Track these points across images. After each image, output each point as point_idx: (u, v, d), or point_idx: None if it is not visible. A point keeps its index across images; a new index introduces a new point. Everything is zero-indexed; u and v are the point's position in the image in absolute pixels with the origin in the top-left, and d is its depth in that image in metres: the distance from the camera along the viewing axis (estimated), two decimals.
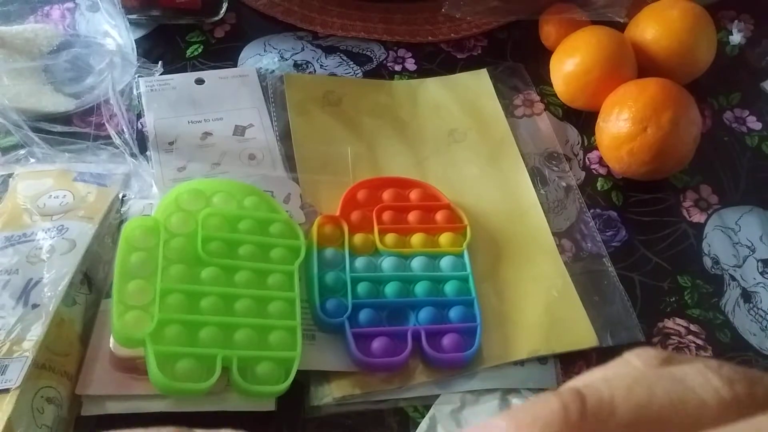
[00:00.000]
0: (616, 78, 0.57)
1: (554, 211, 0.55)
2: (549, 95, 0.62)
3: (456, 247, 0.50)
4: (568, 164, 0.58)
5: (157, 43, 0.63)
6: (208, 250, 0.45)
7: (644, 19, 0.61)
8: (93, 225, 0.47)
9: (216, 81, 0.60)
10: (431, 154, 0.57)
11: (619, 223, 0.55)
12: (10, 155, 0.52)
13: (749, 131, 0.63)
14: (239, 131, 0.56)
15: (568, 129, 0.61)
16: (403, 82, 0.63)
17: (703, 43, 0.60)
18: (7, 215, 0.47)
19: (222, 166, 0.54)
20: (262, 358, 0.42)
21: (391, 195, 0.53)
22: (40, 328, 0.40)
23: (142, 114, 0.56)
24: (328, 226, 0.50)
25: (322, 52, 0.64)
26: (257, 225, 0.47)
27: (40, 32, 0.59)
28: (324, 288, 0.46)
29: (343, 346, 0.45)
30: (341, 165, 0.55)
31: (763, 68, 0.67)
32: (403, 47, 0.65)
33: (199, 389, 0.40)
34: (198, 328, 0.42)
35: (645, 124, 0.53)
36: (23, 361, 0.38)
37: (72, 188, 0.49)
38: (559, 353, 0.47)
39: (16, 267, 0.43)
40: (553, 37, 0.64)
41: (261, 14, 0.66)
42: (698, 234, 0.55)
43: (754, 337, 0.50)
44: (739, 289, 0.52)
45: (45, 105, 0.55)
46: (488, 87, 0.62)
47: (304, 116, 0.58)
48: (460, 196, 0.54)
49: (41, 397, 0.39)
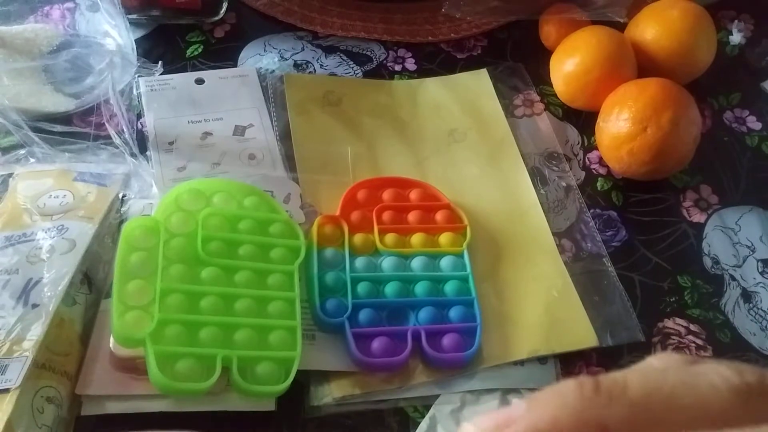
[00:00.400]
0: (616, 78, 0.57)
1: (554, 211, 0.55)
2: (549, 95, 0.62)
3: (456, 247, 0.50)
4: (568, 164, 0.58)
5: (157, 43, 0.63)
6: (208, 250, 0.45)
7: (644, 19, 0.61)
8: (93, 225, 0.47)
9: (216, 81, 0.60)
10: (431, 154, 0.57)
11: (619, 223, 0.55)
12: (10, 155, 0.52)
13: (749, 131, 0.63)
14: (239, 131, 0.56)
15: (568, 129, 0.61)
16: (403, 82, 0.63)
17: (703, 43, 0.60)
18: (7, 215, 0.47)
19: (222, 166, 0.54)
20: (262, 358, 0.42)
21: (391, 195, 0.53)
22: (40, 328, 0.40)
23: (142, 114, 0.56)
24: (328, 226, 0.50)
25: (322, 52, 0.64)
26: (257, 225, 0.47)
27: (40, 32, 0.59)
28: (324, 288, 0.46)
29: (343, 346, 0.45)
30: (341, 165, 0.55)
31: (763, 68, 0.67)
32: (403, 47, 0.65)
33: (199, 389, 0.40)
34: (198, 328, 0.42)
35: (645, 124, 0.53)
36: (23, 360, 0.38)
37: (72, 188, 0.49)
38: (559, 353, 0.47)
39: (16, 267, 0.43)
40: (553, 37, 0.64)
41: (261, 14, 0.66)
42: (698, 234, 0.55)
43: (754, 337, 0.50)
44: (739, 289, 0.52)
45: (45, 105, 0.55)
46: (488, 87, 0.62)
47: (304, 116, 0.58)
48: (460, 196, 0.54)
49: (41, 397, 0.39)
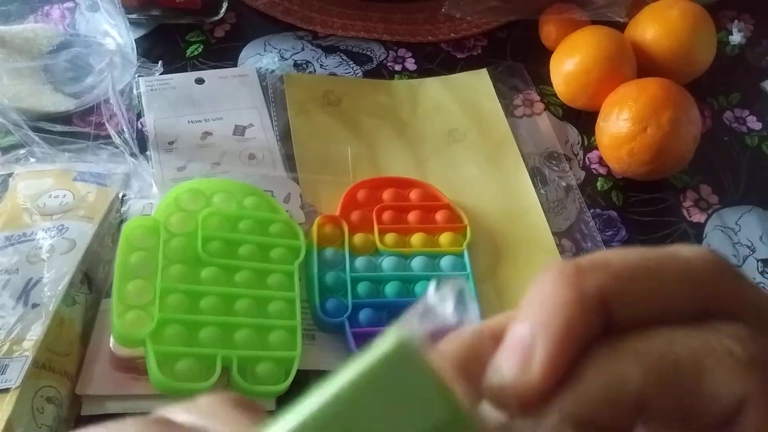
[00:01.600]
0: (616, 78, 0.57)
1: (554, 211, 0.55)
2: (549, 95, 0.62)
3: (456, 247, 0.50)
4: (568, 164, 0.58)
5: (157, 43, 0.63)
6: (208, 250, 0.45)
7: (644, 19, 0.61)
8: (93, 225, 0.47)
9: (216, 81, 0.59)
10: (431, 154, 0.57)
11: (619, 223, 0.55)
12: (10, 155, 0.52)
13: (749, 131, 0.63)
14: (239, 131, 0.56)
15: (568, 129, 0.61)
16: (403, 81, 0.63)
17: (703, 43, 0.60)
18: (7, 215, 0.47)
19: (222, 165, 0.53)
20: (262, 358, 0.42)
21: (391, 195, 0.53)
22: (40, 328, 0.40)
23: (142, 114, 0.56)
24: (328, 225, 0.50)
25: (322, 51, 0.64)
26: (257, 225, 0.47)
27: (40, 32, 0.59)
28: (324, 288, 0.46)
29: (343, 346, 0.45)
30: (341, 165, 0.55)
31: (763, 68, 0.67)
32: (403, 47, 0.65)
33: (199, 389, 0.40)
34: (198, 328, 0.42)
35: (645, 124, 0.53)
36: (23, 360, 0.38)
37: (72, 188, 0.49)
38: None
39: (16, 267, 0.43)
40: (553, 37, 0.64)
41: (261, 14, 0.66)
42: (698, 234, 0.55)
43: None
44: None
45: (45, 105, 0.55)
46: (488, 87, 0.62)
47: (304, 116, 0.58)
48: (460, 196, 0.54)
49: (41, 397, 0.39)
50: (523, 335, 0.16)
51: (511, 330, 0.17)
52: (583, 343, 0.16)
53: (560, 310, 0.16)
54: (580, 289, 0.16)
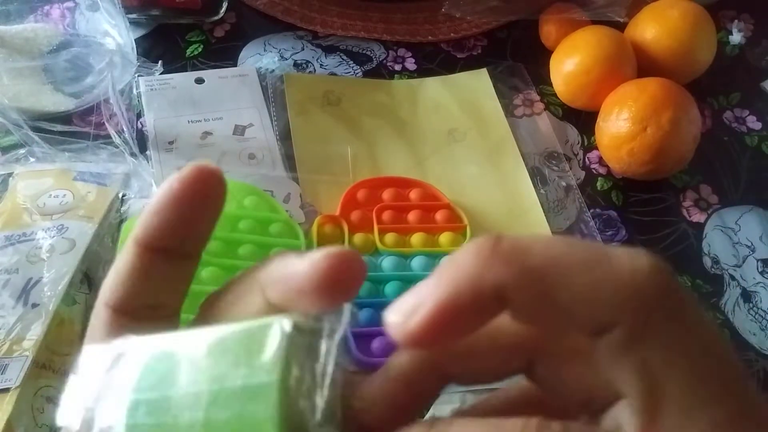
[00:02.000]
0: (616, 78, 0.57)
1: (554, 211, 0.55)
2: (549, 95, 0.62)
3: (456, 246, 0.50)
4: (568, 164, 0.58)
5: (157, 43, 0.63)
6: (208, 250, 0.44)
7: (644, 19, 0.61)
8: (93, 224, 0.47)
9: (216, 80, 0.60)
10: (431, 154, 0.57)
11: (619, 223, 0.55)
12: (10, 155, 0.52)
13: (749, 131, 0.63)
14: (239, 131, 0.56)
15: (568, 129, 0.61)
16: (403, 81, 0.63)
17: (703, 43, 0.60)
18: (7, 215, 0.47)
19: (222, 165, 0.53)
20: None
21: (391, 195, 0.53)
22: (40, 328, 0.40)
23: (142, 113, 0.56)
24: (328, 225, 0.50)
25: (322, 51, 0.64)
26: (257, 225, 0.47)
27: (39, 32, 0.59)
28: None
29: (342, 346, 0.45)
30: (341, 165, 0.55)
31: (763, 68, 0.67)
32: (403, 47, 0.65)
33: None
34: None
35: (645, 124, 0.53)
36: (23, 360, 0.38)
37: (72, 188, 0.49)
38: None
39: (16, 266, 0.43)
40: (553, 37, 0.64)
41: (261, 14, 0.66)
42: (698, 234, 0.55)
43: (754, 337, 0.50)
44: (739, 289, 0.52)
45: (45, 104, 0.55)
46: (488, 87, 0.62)
47: (303, 116, 0.58)
48: (460, 195, 0.54)
49: (41, 397, 0.39)
50: (421, 293, 0.17)
51: (421, 283, 0.18)
52: (472, 317, 0.17)
53: (455, 290, 0.17)
54: (480, 281, 0.17)
